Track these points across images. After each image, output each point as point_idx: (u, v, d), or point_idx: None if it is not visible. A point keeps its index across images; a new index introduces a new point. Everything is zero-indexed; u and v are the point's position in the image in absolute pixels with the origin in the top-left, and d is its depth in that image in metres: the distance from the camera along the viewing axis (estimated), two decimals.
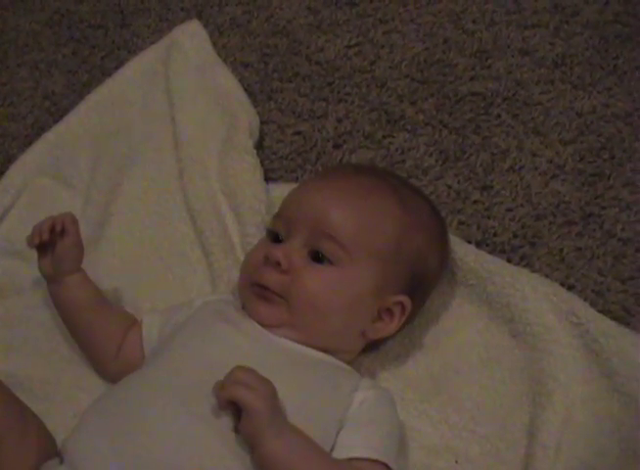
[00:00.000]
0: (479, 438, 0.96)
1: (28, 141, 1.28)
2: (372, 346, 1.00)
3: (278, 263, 0.89)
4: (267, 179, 1.17)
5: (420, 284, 0.97)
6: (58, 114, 1.31)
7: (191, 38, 1.34)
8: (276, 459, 0.77)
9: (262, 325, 0.91)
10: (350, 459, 0.84)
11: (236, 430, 0.78)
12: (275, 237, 0.94)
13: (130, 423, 0.80)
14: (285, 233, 0.93)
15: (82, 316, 1.00)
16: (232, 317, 0.92)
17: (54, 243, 0.98)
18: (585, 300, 1.02)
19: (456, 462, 0.94)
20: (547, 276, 1.05)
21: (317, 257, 0.90)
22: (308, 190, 0.96)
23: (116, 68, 1.34)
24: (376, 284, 0.92)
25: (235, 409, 0.78)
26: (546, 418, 0.94)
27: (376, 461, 0.84)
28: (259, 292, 0.91)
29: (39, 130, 1.30)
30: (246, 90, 1.27)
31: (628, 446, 0.93)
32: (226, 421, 0.80)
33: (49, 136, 1.26)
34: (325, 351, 0.92)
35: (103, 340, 0.99)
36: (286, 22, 1.38)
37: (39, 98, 1.35)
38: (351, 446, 0.84)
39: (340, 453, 0.84)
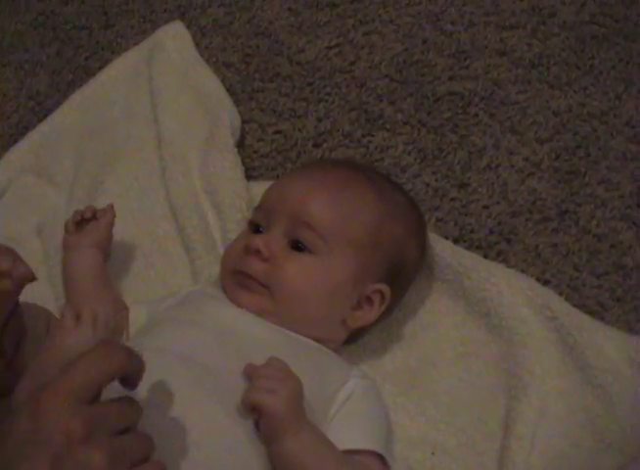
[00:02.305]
0: (455, 430, 0.97)
1: (13, 140, 1.29)
2: (352, 338, 1.01)
3: (258, 251, 0.91)
4: (248, 177, 1.18)
5: (399, 273, 0.99)
6: (42, 113, 1.33)
7: (174, 39, 1.35)
8: (291, 457, 0.80)
9: (242, 307, 0.92)
10: (346, 451, 0.85)
11: (256, 426, 0.80)
12: (256, 228, 0.96)
13: None
14: (265, 224, 0.95)
15: (86, 287, 1.03)
16: (221, 297, 0.95)
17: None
18: (561, 294, 1.04)
19: (432, 454, 0.95)
20: (523, 272, 1.07)
21: (297, 246, 0.92)
22: (288, 182, 0.99)
23: (100, 68, 1.35)
24: (355, 272, 0.94)
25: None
26: (521, 410, 0.95)
27: (371, 452, 0.86)
28: (241, 280, 0.93)
29: (23, 129, 1.31)
30: (228, 90, 1.29)
31: (602, 437, 0.95)
32: (228, 390, 0.82)
33: (33, 135, 1.28)
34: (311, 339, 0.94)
35: None
36: (267, 23, 1.40)
37: (24, 98, 1.36)
38: (346, 438, 0.86)
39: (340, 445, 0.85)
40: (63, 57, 1.41)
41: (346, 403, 0.89)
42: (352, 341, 1.02)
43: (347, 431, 0.87)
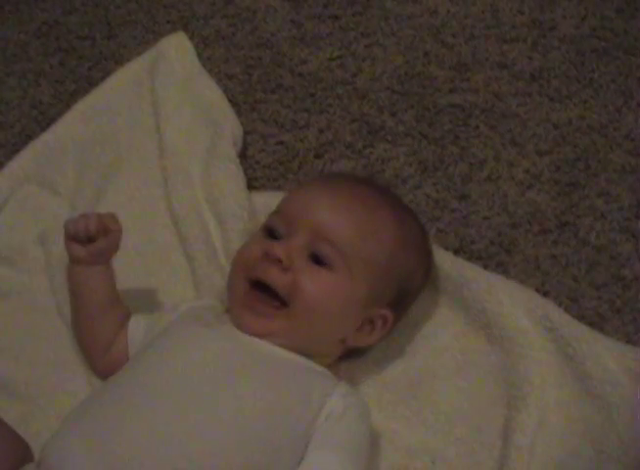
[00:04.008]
0: (455, 439, 0.98)
1: (16, 149, 1.29)
2: (352, 353, 1.02)
3: (279, 261, 0.91)
4: (250, 188, 1.19)
5: (404, 299, 1.01)
6: (45, 122, 1.33)
7: (176, 50, 1.36)
8: None
9: (249, 334, 0.92)
10: None
11: None
12: (271, 233, 0.96)
13: (108, 426, 0.82)
14: (284, 231, 0.95)
15: (92, 303, 1.01)
16: (211, 322, 0.95)
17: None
18: (560, 306, 1.05)
19: (432, 463, 0.96)
20: (523, 283, 1.08)
21: (317, 260, 0.92)
22: (313, 193, 0.98)
23: (103, 78, 1.35)
24: (366, 294, 0.95)
25: None
26: (520, 420, 0.96)
27: None
28: (251, 302, 0.92)
29: (26, 139, 1.31)
30: (230, 101, 1.29)
31: (601, 447, 0.96)
32: (206, 419, 0.82)
33: (36, 144, 1.28)
34: (303, 354, 0.94)
35: (98, 330, 1.01)
36: (270, 34, 1.41)
37: (27, 107, 1.36)
38: (320, 461, 0.86)
39: (308, 468, 0.86)
40: (66, 67, 1.42)
41: (327, 422, 0.88)
42: (352, 356, 1.03)
43: (322, 453, 0.87)
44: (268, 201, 1.14)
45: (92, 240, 0.99)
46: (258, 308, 0.92)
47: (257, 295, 0.93)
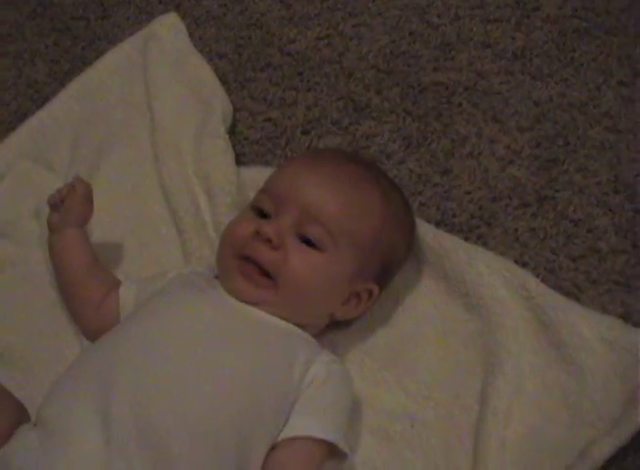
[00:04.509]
0: (434, 404, 1.02)
1: (12, 127, 1.33)
2: (337, 323, 1.06)
3: (269, 240, 0.94)
4: (239, 163, 1.23)
5: (388, 273, 1.04)
6: (40, 101, 1.36)
7: (168, 30, 1.39)
8: None
9: (240, 300, 0.95)
10: (302, 438, 0.89)
11: None
12: (260, 213, 0.99)
13: (100, 380, 0.86)
14: (273, 210, 0.98)
15: (72, 268, 1.07)
16: (200, 286, 0.98)
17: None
18: (538, 277, 1.08)
19: (412, 426, 1.00)
20: (502, 254, 1.11)
21: (306, 240, 0.95)
22: (300, 172, 1.00)
23: (97, 57, 1.39)
24: (353, 271, 0.98)
25: None
26: (497, 386, 1.00)
27: (325, 441, 0.89)
28: (244, 269, 0.95)
29: (22, 117, 1.34)
30: (220, 79, 1.33)
31: (575, 412, 0.99)
32: (195, 375, 0.86)
33: (31, 121, 1.31)
34: (290, 323, 0.97)
35: (86, 293, 1.05)
36: (259, 14, 1.44)
37: (23, 86, 1.40)
38: (302, 425, 0.90)
39: (290, 431, 0.89)
40: (60, 47, 1.45)
41: (309, 388, 0.92)
42: (337, 327, 1.06)
43: (306, 415, 0.91)
44: (256, 176, 1.17)
45: None
46: (252, 276, 0.95)
47: (250, 265, 0.95)
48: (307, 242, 0.96)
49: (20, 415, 0.92)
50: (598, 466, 0.94)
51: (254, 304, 0.95)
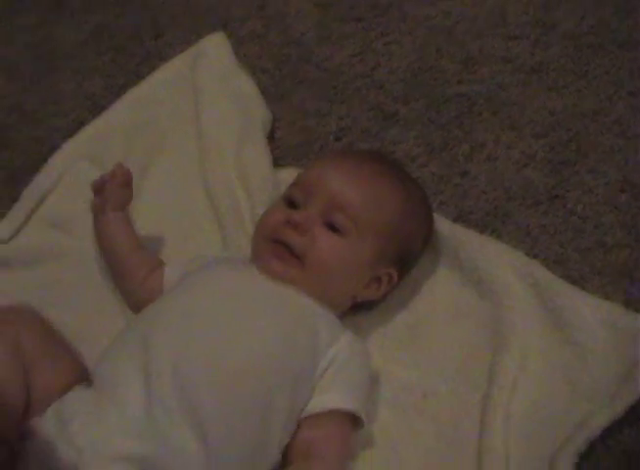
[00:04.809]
0: (445, 379, 1.10)
1: (70, 134, 1.45)
2: (360, 305, 1.15)
3: (298, 226, 1.05)
4: (276, 166, 1.34)
5: (407, 260, 1.14)
6: (97, 111, 1.49)
7: (216, 48, 1.52)
8: None
9: (271, 278, 1.05)
10: (323, 412, 0.99)
11: None
12: (291, 203, 1.09)
13: (142, 344, 0.96)
14: (302, 200, 1.08)
15: (116, 247, 1.19)
16: (237, 265, 1.10)
17: None
18: (547, 267, 1.16)
19: (424, 397, 1.09)
20: (514, 248, 1.18)
21: (331, 226, 1.06)
22: (328, 167, 1.11)
23: (149, 73, 1.52)
24: (373, 256, 1.08)
25: None
26: (504, 364, 1.08)
27: (348, 413, 0.99)
28: (276, 250, 1.05)
29: (80, 125, 1.47)
30: (262, 92, 1.45)
31: (575, 388, 1.07)
32: (229, 340, 0.97)
33: (88, 129, 1.44)
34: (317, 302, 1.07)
35: (131, 269, 1.17)
36: (299, 34, 1.56)
37: (81, 98, 1.53)
38: (327, 398, 0.99)
39: (317, 406, 0.99)
40: (116, 63, 1.59)
41: (333, 364, 1.01)
42: (360, 309, 1.16)
43: (329, 392, 1.00)
44: (291, 175, 1.27)
45: None
46: (282, 256, 1.05)
47: (281, 247, 1.06)
48: (332, 229, 1.06)
49: (83, 371, 1.02)
50: (594, 436, 1.01)
51: (284, 280, 1.04)
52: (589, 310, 1.11)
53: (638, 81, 1.37)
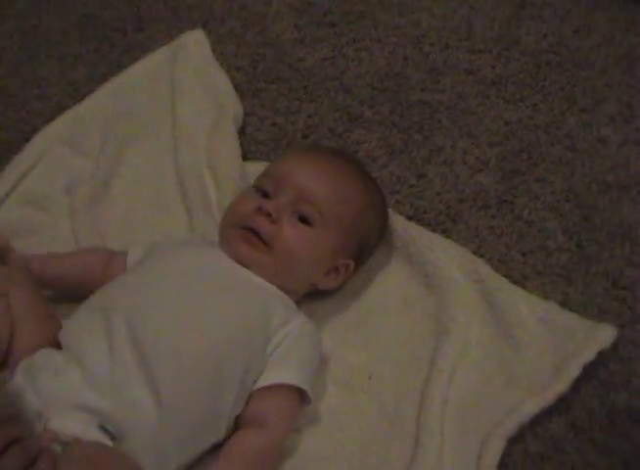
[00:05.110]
0: (390, 363, 1.19)
1: (52, 117, 1.50)
2: (316, 294, 1.23)
3: (269, 215, 1.12)
4: (245, 159, 1.41)
5: (363, 252, 1.22)
6: (78, 98, 1.53)
7: (195, 43, 1.58)
8: None
9: (239, 262, 1.13)
10: (272, 386, 1.06)
11: None
12: (262, 193, 1.17)
13: (104, 308, 1.04)
14: (272, 191, 1.16)
15: (59, 274, 1.21)
16: (201, 245, 1.18)
17: None
18: (491, 266, 1.25)
19: (369, 378, 1.17)
20: (462, 246, 1.27)
21: (299, 217, 1.14)
22: (299, 162, 1.19)
23: (131, 63, 1.57)
24: (335, 247, 1.16)
25: None
26: (444, 350, 1.17)
27: (293, 387, 1.07)
28: (246, 235, 1.13)
29: (61, 110, 1.51)
30: (236, 88, 1.51)
31: (510, 377, 1.16)
32: (185, 315, 1.05)
33: (69, 114, 1.49)
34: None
35: (88, 277, 1.20)
36: (275, 35, 1.63)
37: (64, 85, 1.58)
38: (277, 375, 1.07)
39: (267, 380, 1.06)
40: (100, 53, 1.63)
41: (284, 342, 1.09)
42: (315, 297, 1.24)
43: (279, 367, 1.07)
44: (258, 168, 1.34)
45: None
46: (252, 241, 1.13)
47: (251, 234, 1.13)
48: (300, 219, 1.14)
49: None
50: (524, 422, 1.10)
51: (250, 264, 1.12)
52: (527, 308, 1.20)
53: (590, 99, 1.47)
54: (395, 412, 1.15)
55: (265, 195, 1.17)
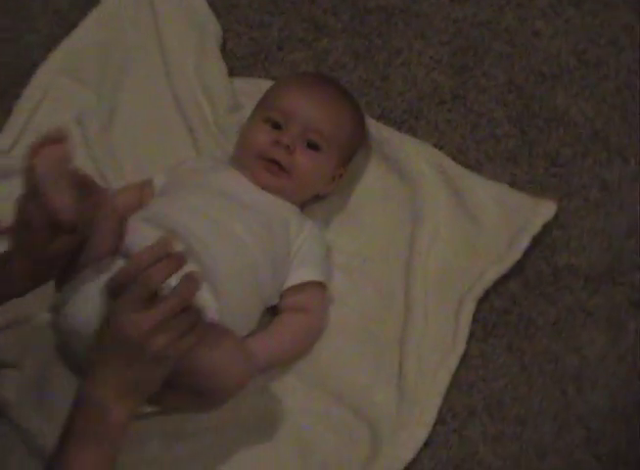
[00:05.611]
0: (378, 245, 1.43)
1: (46, 48, 1.63)
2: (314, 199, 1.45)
3: (287, 147, 1.31)
4: (229, 75, 1.59)
5: (351, 158, 1.45)
6: (66, 26, 1.65)
7: None
8: None
9: (264, 188, 1.33)
10: (301, 284, 1.30)
11: None
12: (274, 124, 1.34)
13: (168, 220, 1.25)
14: (283, 122, 1.34)
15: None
16: (218, 168, 1.39)
17: None
18: (451, 156, 1.47)
19: (363, 261, 1.42)
20: (426, 141, 1.49)
21: (310, 144, 1.34)
22: (300, 95, 1.37)
23: None
24: (337, 162, 1.40)
25: None
26: (421, 234, 1.40)
27: (318, 282, 1.32)
28: (269, 166, 1.32)
29: (53, 40, 1.65)
30: (211, 6, 1.66)
31: (474, 249, 1.40)
32: (239, 221, 1.28)
33: (63, 47, 1.61)
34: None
35: (132, 208, 1.34)
36: None
37: (50, 14, 1.70)
38: (301, 274, 1.31)
39: (296, 279, 1.31)
40: None
41: (302, 247, 1.32)
42: (313, 201, 1.46)
43: (304, 268, 1.32)
44: (243, 84, 1.58)
45: None
46: (274, 170, 1.33)
47: (272, 164, 1.34)
48: (309, 145, 1.35)
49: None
50: (488, 286, 1.36)
51: (273, 189, 1.33)
52: (483, 191, 1.43)
53: None
54: (387, 287, 1.39)
55: (275, 126, 1.36)
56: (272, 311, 1.34)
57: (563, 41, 1.59)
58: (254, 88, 1.54)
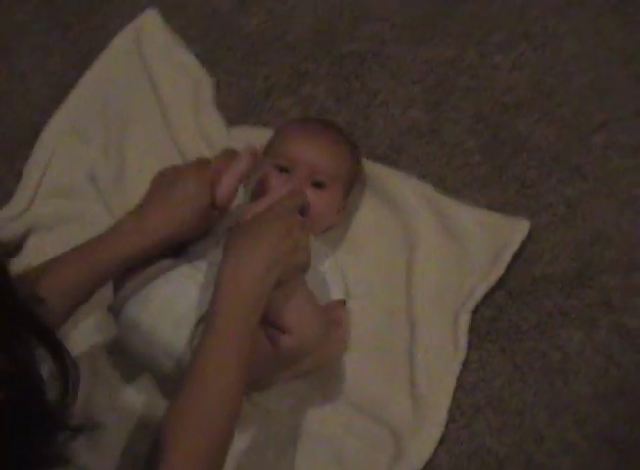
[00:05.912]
0: (379, 270, 1.56)
1: (45, 109, 1.75)
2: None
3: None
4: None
5: (351, 190, 1.61)
6: (62, 87, 1.79)
7: (152, 25, 1.81)
8: None
9: None
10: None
11: None
12: (280, 170, 1.45)
13: None
14: (290, 167, 1.44)
15: None
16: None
17: None
18: (432, 185, 1.60)
19: (370, 286, 1.56)
20: (408, 172, 1.58)
21: (315, 184, 1.45)
22: (304, 141, 1.48)
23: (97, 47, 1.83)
24: (341, 196, 1.55)
25: None
26: (415, 257, 1.51)
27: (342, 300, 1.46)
28: None
29: (51, 100, 1.78)
30: (198, 60, 1.79)
31: (462, 268, 1.50)
32: None
33: (65, 106, 1.73)
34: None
35: None
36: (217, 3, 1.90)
37: (42, 76, 1.82)
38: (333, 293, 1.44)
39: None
40: (67, 39, 1.87)
41: (327, 272, 1.45)
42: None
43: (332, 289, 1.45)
44: (240, 132, 1.71)
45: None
46: None
47: None
48: (315, 185, 1.47)
49: None
50: (478, 300, 1.49)
51: None
52: (466, 215, 1.54)
53: (484, 32, 1.78)
54: (392, 307, 1.50)
55: (282, 170, 1.47)
56: None
57: (519, 73, 1.74)
58: (250, 135, 1.68)
